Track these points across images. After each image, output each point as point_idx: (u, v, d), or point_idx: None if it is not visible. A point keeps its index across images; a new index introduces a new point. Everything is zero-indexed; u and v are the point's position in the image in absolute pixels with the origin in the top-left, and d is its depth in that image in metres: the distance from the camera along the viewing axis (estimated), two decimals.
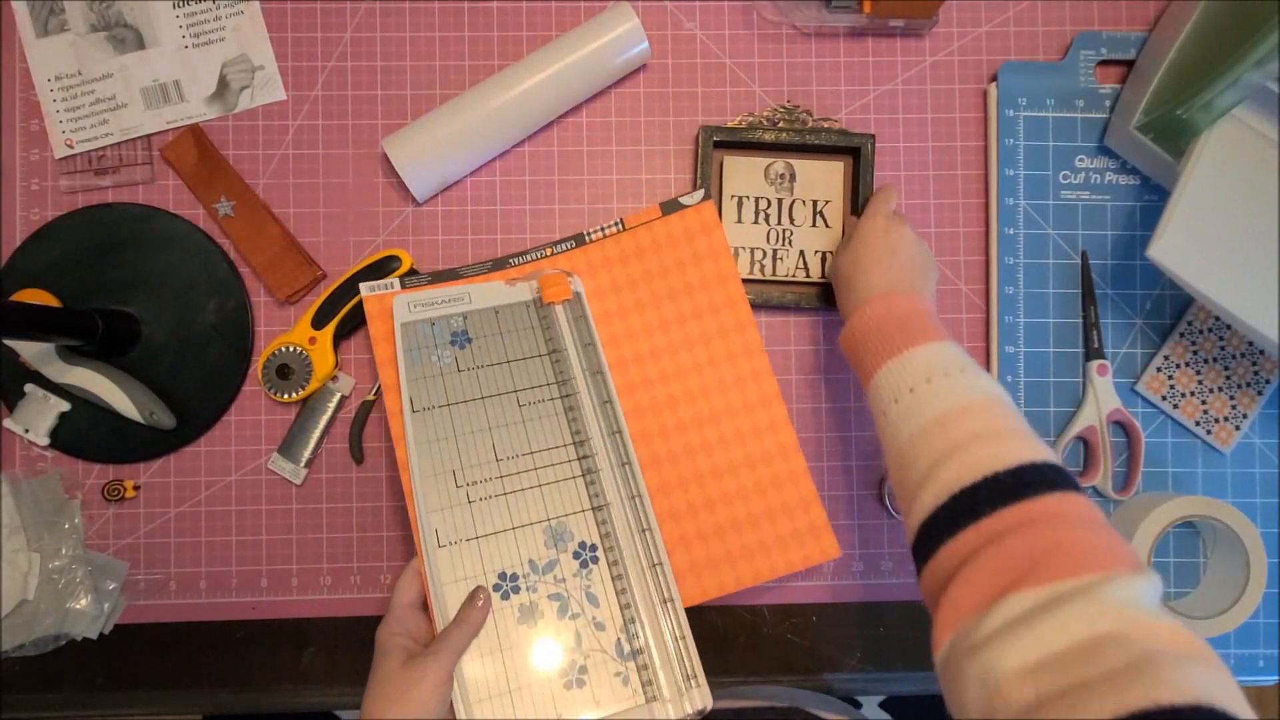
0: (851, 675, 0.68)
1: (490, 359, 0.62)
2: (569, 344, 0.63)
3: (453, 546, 0.58)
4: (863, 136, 0.68)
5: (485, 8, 0.70)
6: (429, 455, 0.60)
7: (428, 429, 0.60)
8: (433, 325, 0.62)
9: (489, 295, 0.64)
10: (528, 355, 0.63)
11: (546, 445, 0.61)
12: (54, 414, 0.66)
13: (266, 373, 0.66)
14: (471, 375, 0.62)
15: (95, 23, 0.68)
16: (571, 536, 0.59)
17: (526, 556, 0.58)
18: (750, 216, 0.68)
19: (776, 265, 0.68)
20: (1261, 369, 0.68)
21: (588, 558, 0.58)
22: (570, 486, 0.60)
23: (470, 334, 0.63)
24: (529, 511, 0.59)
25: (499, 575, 0.57)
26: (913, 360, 0.51)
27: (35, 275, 0.66)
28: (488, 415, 0.61)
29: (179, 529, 0.67)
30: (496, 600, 0.57)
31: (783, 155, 0.69)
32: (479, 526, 0.58)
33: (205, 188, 0.68)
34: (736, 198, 0.68)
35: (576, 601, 0.57)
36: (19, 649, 0.65)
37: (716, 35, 0.70)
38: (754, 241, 0.68)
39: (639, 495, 0.60)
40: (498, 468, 0.60)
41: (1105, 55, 0.69)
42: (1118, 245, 0.69)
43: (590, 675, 0.56)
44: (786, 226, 0.68)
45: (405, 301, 0.63)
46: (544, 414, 0.61)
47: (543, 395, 0.62)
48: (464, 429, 0.60)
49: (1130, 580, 0.38)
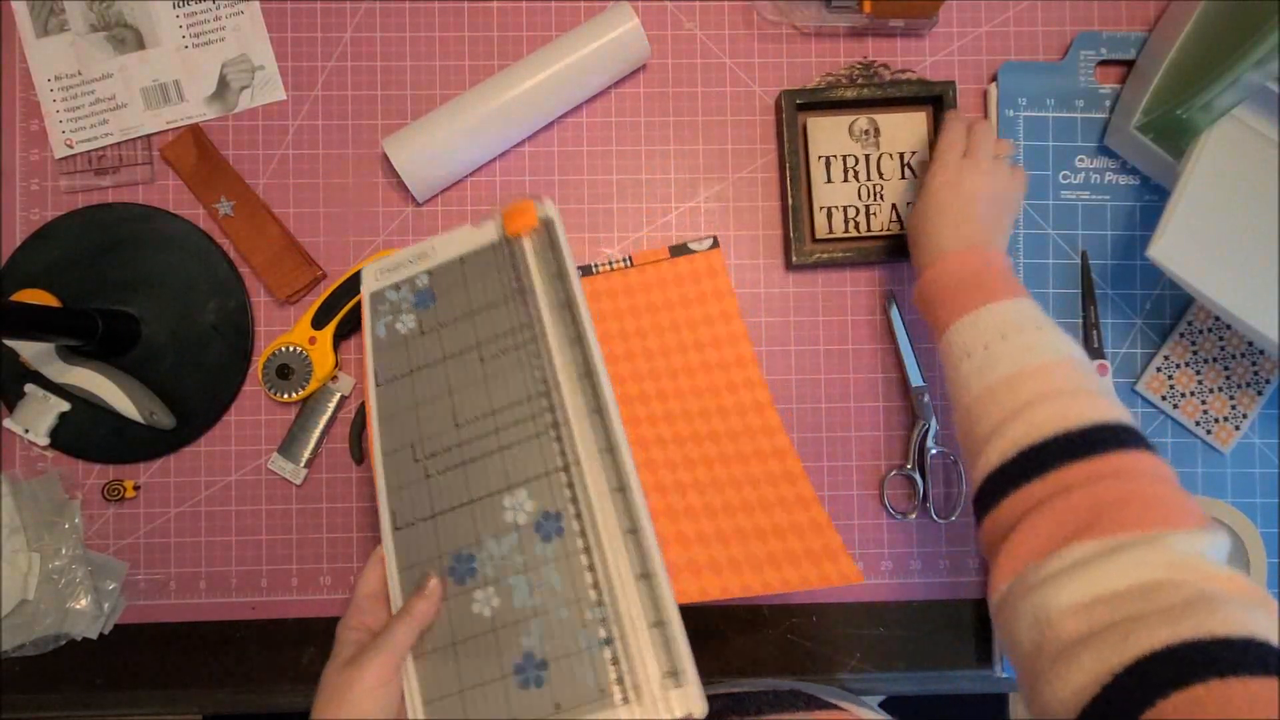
0: (851, 675, 0.68)
1: (454, 313, 0.55)
2: (536, 278, 0.54)
3: (409, 528, 0.51)
4: (943, 84, 0.68)
5: (485, 8, 0.70)
6: (390, 430, 0.53)
7: (391, 403, 0.54)
8: (398, 289, 0.56)
9: (454, 244, 0.56)
10: (492, 303, 0.54)
11: (510, 400, 0.52)
12: (54, 414, 0.66)
13: (266, 373, 0.66)
14: (434, 336, 0.54)
15: (95, 23, 0.68)
16: (534, 506, 0.49)
17: (484, 533, 0.49)
18: (839, 175, 0.68)
19: (870, 221, 0.68)
20: (1261, 369, 0.68)
21: (552, 529, 0.49)
22: (534, 446, 0.50)
23: (435, 291, 0.56)
24: (488, 480, 0.50)
25: (454, 557, 0.49)
26: (989, 315, 0.50)
27: (35, 275, 0.66)
28: (449, 378, 0.53)
29: (179, 529, 0.67)
30: (451, 586, 0.49)
31: (865, 111, 0.69)
32: (435, 503, 0.51)
33: (205, 188, 0.68)
34: (824, 158, 0.68)
35: (538, 583, 0.48)
36: (19, 649, 0.65)
37: (716, 35, 0.70)
38: (845, 200, 0.68)
39: (614, 448, 0.49)
40: (456, 434, 0.52)
41: (1105, 55, 0.69)
42: (1118, 245, 0.69)
43: (551, 672, 0.46)
44: (876, 182, 0.68)
45: (373, 270, 0.58)
46: (507, 366, 0.53)
47: (507, 344, 0.53)
48: (424, 396, 0.53)
49: (1195, 534, 0.38)
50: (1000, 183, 0.58)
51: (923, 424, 0.68)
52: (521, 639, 0.47)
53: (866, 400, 0.69)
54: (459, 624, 0.48)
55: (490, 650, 0.47)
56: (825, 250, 0.68)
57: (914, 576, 0.68)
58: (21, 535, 0.65)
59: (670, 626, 0.45)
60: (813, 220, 0.68)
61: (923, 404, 0.68)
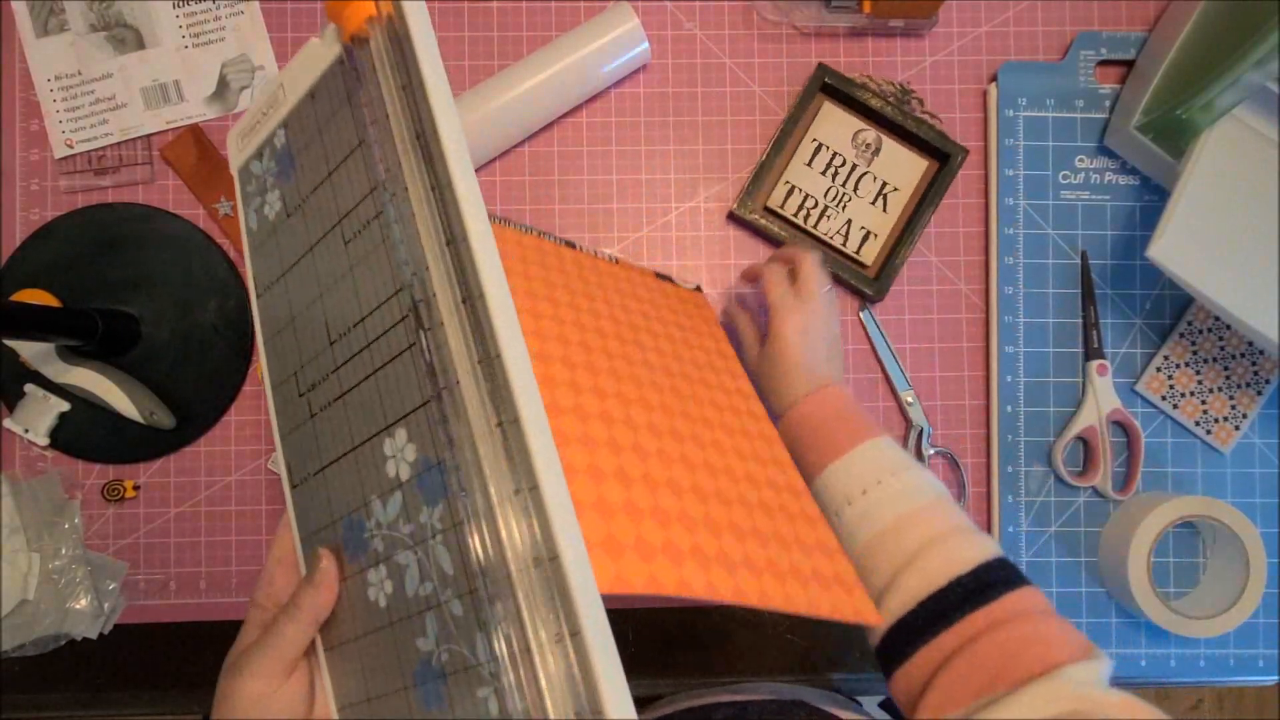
0: (851, 675, 0.68)
1: (314, 178, 0.39)
2: (390, 106, 0.35)
3: (304, 485, 0.40)
4: (958, 147, 0.68)
5: (485, 8, 0.70)
6: (275, 357, 0.42)
7: (271, 319, 0.42)
8: (261, 158, 0.43)
9: (301, 74, 0.40)
10: (348, 149, 0.38)
11: (376, 300, 0.36)
12: (54, 414, 0.66)
13: None
14: (299, 218, 0.40)
15: (95, 23, 0.68)
16: (415, 452, 0.35)
17: (369, 493, 0.36)
18: (821, 165, 0.69)
19: (820, 220, 0.68)
20: (1261, 369, 0.68)
21: (436, 488, 0.33)
22: (406, 364, 0.35)
23: (292, 150, 0.41)
24: (367, 417, 0.37)
25: (345, 524, 0.38)
26: (861, 458, 0.52)
27: (35, 275, 0.66)
28: (318, 274, 0.39)
29: (179, 529, 0.67)
30: (347, 562, 0.38)
31: (878, 127, 0.69)
32: (322, 450, 0.39)
33: (205, 188, 0.68)
34: (817, 142, 0.69)
35: (427, 564, 0.34)
36: (19, 649, 0.65)
37: (716, 35, 0.70)
38: (812, 188, 0.68)
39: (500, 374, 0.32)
40: (331, 355, 0.39)
41: (1105, 55, 0.69)
42: (1118, 245, 0.69)
43: (450, 688, 0.33)
44: (848, 192, 0.69)
45: (236, 138, 0.44)
46: (369, 247, 0.37)
47: (366, 212, 0.37)
48: (299, 304, 0.40)
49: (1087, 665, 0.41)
50: (832, 315, 0.59)
51: (915, 428, 0.68)
52: (417, 639, 0.34)
53: (866, 400, 0.69)
54: (360, 613, 0.37)
55: (389, 650, 0.35)
56: (766, 219, 0.68)
57: None
58: (21, 535, 0.65)
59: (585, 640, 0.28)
60: (773, 188, 0.69)
61: (911, 408, 0.68)
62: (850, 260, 0.69)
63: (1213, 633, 0.63)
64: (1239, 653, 0.67)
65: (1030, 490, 0.68)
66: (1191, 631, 0.63)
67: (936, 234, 0.70)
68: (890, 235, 0.69)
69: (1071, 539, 0.68)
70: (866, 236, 0.68)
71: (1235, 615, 0.63)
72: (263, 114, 0.42)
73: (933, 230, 0.70)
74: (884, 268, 0.68)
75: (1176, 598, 0.67)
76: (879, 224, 0.69)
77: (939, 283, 0.70)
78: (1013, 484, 0.68)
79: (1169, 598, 0.65)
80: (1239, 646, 0.68)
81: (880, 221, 0.69)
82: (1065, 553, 0.68)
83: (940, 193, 0.68)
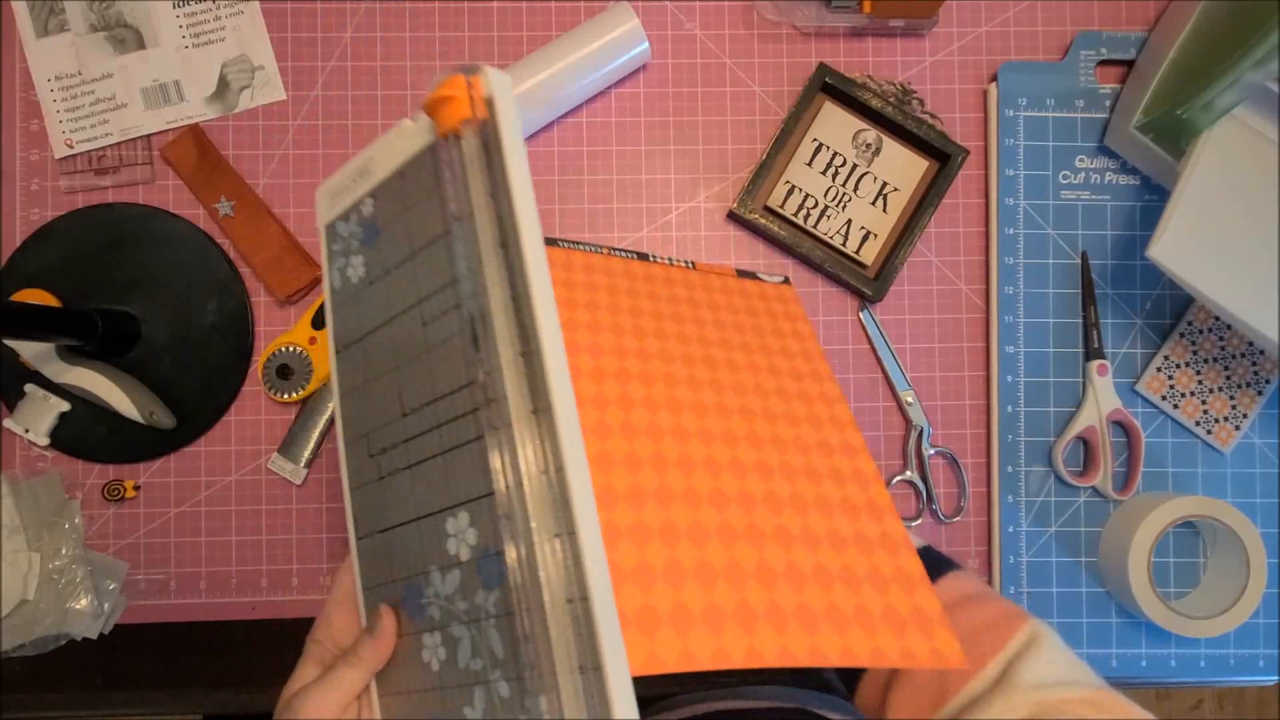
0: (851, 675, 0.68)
1: (397, 254, 0.41)
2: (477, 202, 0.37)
3: (370, 539, 0.42)
4: (959, 148, 0.68)
5: (485, 8, 0.70)
6: (350, 413, 0.43)
7: (349, 376, 0.43)
8: (348, 220, 0.44)
9: (392, 151, 0.41)
10: (431, 237, 0.39)
11: (450, 385, 0.38)
12: (54, 414, 0.66)
13: (266, 373, 0.66)
14: (380, 287, 0.42)
15: (95, 23, 0.68)
16: (476, 536, 0.36)
17: (430, 563, 0.38)
18: (821, 165, 0.69)
19: (820, 220, 0.68)
20: (1261, 369, 0.68)
21: (494, 573, 0.35)
22: (473, 454, 0.36)
23: (379, 221, 0.42)
24: (433, 493, 0.38)
25: (406, 586, 0.39)
26: None
27: (35, 275, 0.66)
28: (395, 346, 0.41)
29: (179, 529, 0.67)
30: (405, 619, 0.40)
31: (878, 127, 0.69)
32: (389, 513, 0.41)
33: (205, 188, 0.68)
34: (817, 142, 0.69)
35: (480, 643, 0.36)
36: (19, 649, 0.65)
37: (716, 35, 0.70)
38: (812, 188, 0.68)
39: (563, 468, 0.34)
40: (403, 426, 0.40)
41: (1105, 55, 0.69)
42: (1118, 245, 0.69)
43: None
44: (848, 192, 0.68)
45: (326, 195, 0.45)
46: (446, 332, 0.38)
47: (445, 302, 0.38)
48: (375, 370, 0.42)
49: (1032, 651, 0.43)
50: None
51: (915, 428, 0.68)
52: (464, 708, 0.36)
53: (867, 400, 0.69)
54: (413, 670, 0.39)
55: (438, 709, 0.38)
56: (766, 219, 0.68)
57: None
58: (21, 535, 0.65)
59: None
60: (773, 188, 0.69)
61: (911, 408, 0.68)
62: (850, 260, 0.69)
63: (1213, 633, 0.63)
64: (1239, 653, 0.67)
65: (1030, 490, 0.68)
66: (1192, 631, 0.63)
67: (936, 234, 0.70)
68: (890, 235, 0.69)
69: (1071, 539, 0.68)
70: (866, 236, 0.68)
71: (1235, 615, 0.63)
72: (353, 179, 0.44)
73: (933, 230, 0.70)
74: (884, 268, 0.68)
75: (1177, 598, 0.67)
76: (879, 224, 0.69)
77: (939, 283, 0.70)
78: (1013, 484, 0.68)
79: (1169, 598, 0.65)
80: (1239, 646, 0.67)
81: (880, 221, 0.69)
82: (1065, 553, 0.68)
83: (940, 193, 0.68)
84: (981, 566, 0.69)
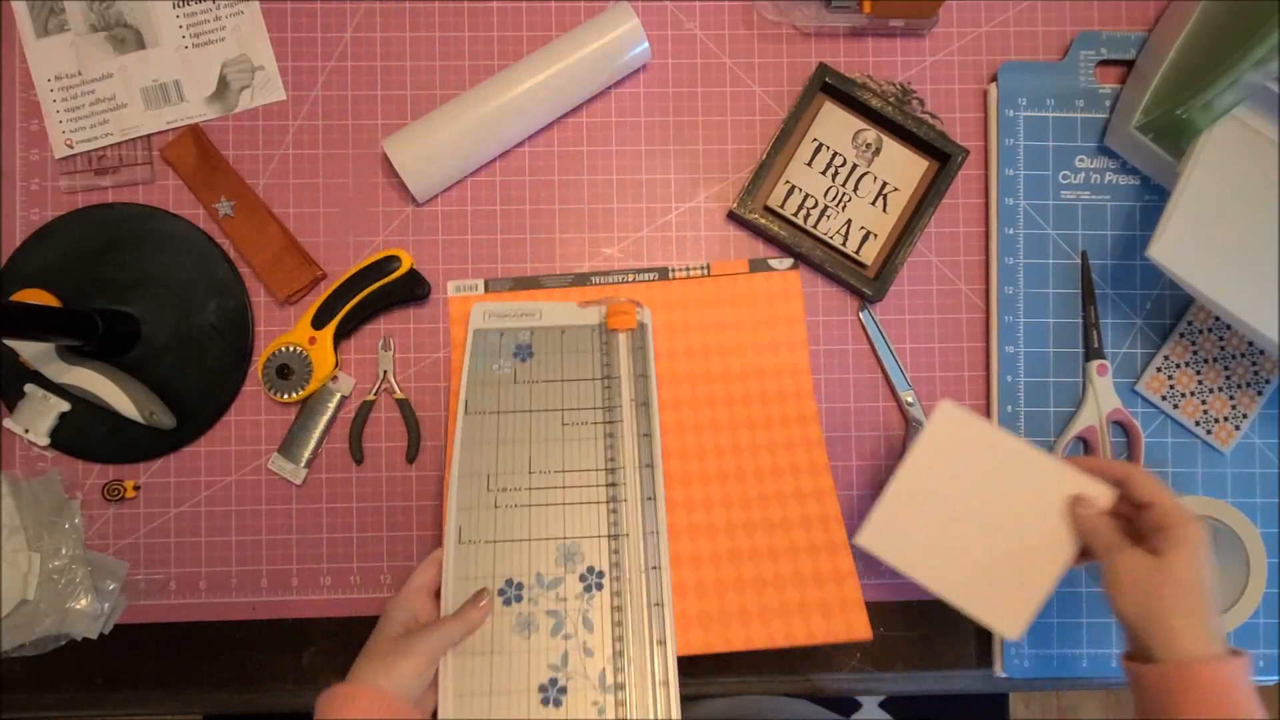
0: (851, 675, 0.68)
1: (546, 375, 0.65)
2: (624, 372, 0.65)
3: (471, 544, 0.60)
4: (958, 148, 0.68)
5: (485, 8, 0.70)
6: (470, 456, 0.62)
7: (475, 431, 0.63)
8: (501, 335, 0.66)
9: (558, 314, 0.66)
10: (582, 377, 0.65)
11: (579, 467, 0.62)
12: (54, 414, 0.66)
13: (266, 373, 0.66)
14: (525, 388, 0.64)
15: (95, 23, 0.68)
16: (582, 559, 0.60)
17: (536, 569, 0.60)
18: (821, 165, 0.69)
19: (820, 220, 0.68)
20: (1261, 369, 0.68)
21: (593, 583, 0.59)
22: (592, 511, 0.61)
23: (533, 349, 0.65)
24: (548, 526, 0.61)
25: (506, 581, 0.59)
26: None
27: (35, 275, 0.66)
28: (531, 428, 0.63)
29: (179, 529, 0.67)
30: (498, 604, 0.58)
31: (878, 127, 0.69)
32: (499, 531, 0.60)
33: (205, 188, 0.68)
34: (817, 142, 0.69)
35: (572, 623, 0.58)
36: (19, 649, 0.65)
37: (716, 35, 0.70)
38: (813, 188, 0.69)
39: (656, 532, 0.61)
40: (529, 479, 0.62)
41: (1105, 55, 0.69)
42: (1118, 245, 0.69)
43: (569, 698, 0.56)
44: (848, 192, 0.69)
45: (482, 310, 0.66)
46: (584, 436, 0.63)
47: (587, 418, 0.64)
48: (507, 437, 0.63)
49: None
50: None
51: (915, 428, 0.68)
52: (549, 664, 0.57)
53: (866, 400, 0.69)
54: (499, 638, 0.58)
55: (521, 667, 0.57)
56: (766, 219, 0.68)
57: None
58: (21, 535, 0.65)
59: (671, 688, 0.57)
60: (773, 188, 0.69)
61: (911, 408, 0.68)
62: (850, 260, 0.69)
63: None
64: None
65: None
66: None
67: (936, 234, 0.70)
68: (890, 235, 0.69)
69: None
70: (866, 236, 0.68)
71: (1235, 615, 0.63)
72: (516, 314, 0.66)
73: (933, 230, 0.70)
74: (884, 268, 0.68)
75: None
76: (879, 224, 0.69)
77: (939, 283, 0.70)
78: None
79: None
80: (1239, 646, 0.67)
81: (880, 221, 0.69)
82: None
83: (940, 193, 0.68)
84: None
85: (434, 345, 0.69)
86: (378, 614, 0.58)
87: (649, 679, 0.57)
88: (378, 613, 0.63)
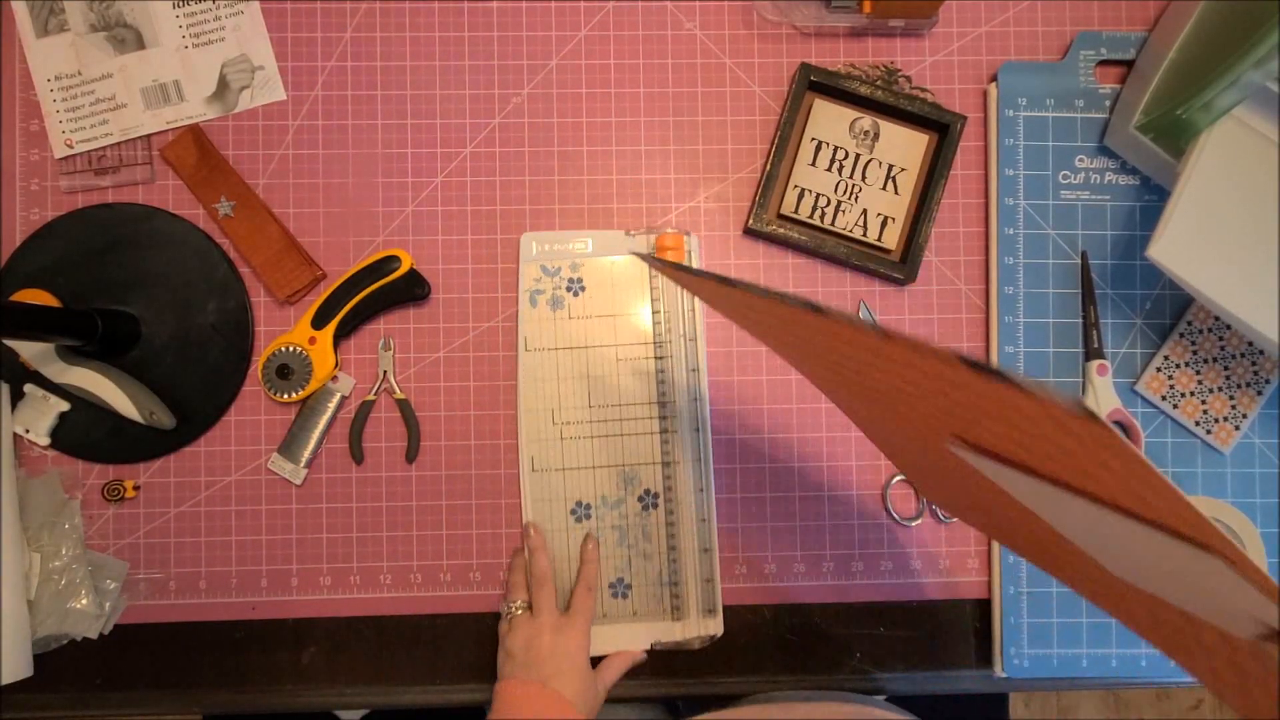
0: (851, 675, 0.68)
1: (598, 310, 0.68)
2: (673, 307, 0.68)
3: (543, 473, 0.68)
4: (955, 115, 0.67)
5: (485, 8, 0.70)
6: (533, 393, 0.68)
7: (536, 369, 0.68)
8: (554, 272, 0.69)
9: (607, 244, 0.69)
10: (633, 311, 0.68)
11: (634, 400, 0.68)
12: (54, 414, 0.66)
13: (266, 373, 0.66)
14: (580, 324, 0.68)
15: (95, 23, 0.68)
16: (640, 482, 0.68)
17: (600, 492, 0.68)
18: (825, 163, 0.69)
19: (837, 216, 0.68)
20: (1261, 369, 0.68)
21: (649, 503, 0.68)
22: (647, 440, 0.68)
23: (584, 282, 0.68)
24: (609, 455, 0.68)
25: (575, 503, 0.68)
26: None
27: (35, 275, 0.66)
28: (588, 364, 0.68)
29: (179, 529, 0.67)
30: (570, 522, 0.68)
31: (872, 113, 0.69)
32: (566, 460, 0.68)
33: (205, 188, 0.68)
34: (816, 141, 0.69)
35: (633, 535, 0.68)
36: None
37: (716, 35, 0.70)
38: (821, 187, 0.68)
39: (704, 460, 0.68)
40: (589, 413, 0.68)
41: (1105, 55, 0.69)
42: (1118, 245, 0.69)
43: (633, 591, 0.67)
44: (857, 182, 0.68)
45: (531, 239, 0.69)
46: (637, 370, 0.68)
47: (639, 353, 0.68)
48: (566, 373, 0.68)
49: None
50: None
51: None
52: (616, 565, 0.68)
53: None
54: (574, 547, 0.68)
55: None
56: (784, 227, 0.68)
57: (914, 577, 0.68)
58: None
59: (715, 584, 0.67)
60: (783, 195, 0.69)
61: None
62: (874, 249, 0.69)
63: None
64: None
65: None
66: None
67: (936, 234, 0.70)
68: (908, 216, 0.69)
69: None
70: (885, 222, 0.68)
71: None
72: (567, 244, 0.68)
73: (933, 230, 0.70)
74: (908, 249, 0.68)
75: None
76: (894, 207, 0.68)
77: (939, 283, 0.70)
78: None
79: None
80: None
81: (894, 205, 0.68)
82: None
83: (948, 163, 0.67)
84: (981, 566, 0.69)
85: (434, 345, 0.69)
86: (378, 614, 0.58)
87: (697, 578, 0.67)
88: (378, 613, 0.63)
